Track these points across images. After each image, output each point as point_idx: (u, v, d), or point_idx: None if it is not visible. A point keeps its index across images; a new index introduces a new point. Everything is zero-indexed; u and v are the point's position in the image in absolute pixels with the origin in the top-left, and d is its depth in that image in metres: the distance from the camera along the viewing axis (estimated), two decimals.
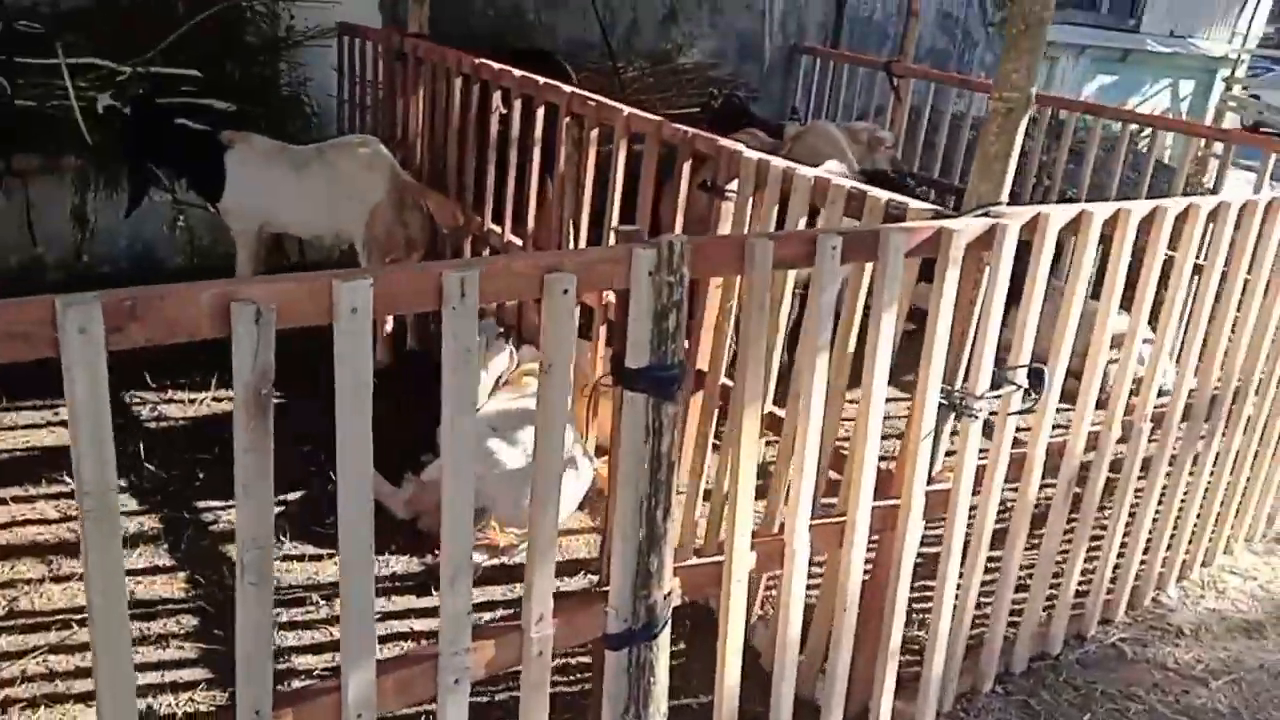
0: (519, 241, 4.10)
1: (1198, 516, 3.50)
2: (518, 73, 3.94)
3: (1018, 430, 2.57)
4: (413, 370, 4.32)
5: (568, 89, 3.67)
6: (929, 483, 2.47)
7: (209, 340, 1.39)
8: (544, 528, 1.70)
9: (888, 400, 2.17)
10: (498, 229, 4.24)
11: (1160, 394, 3.04)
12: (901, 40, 7.33)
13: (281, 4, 5.13)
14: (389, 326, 4.46)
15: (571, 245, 3.68)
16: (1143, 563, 3.36)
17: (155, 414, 4.01)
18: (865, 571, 2.36)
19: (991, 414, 2.44)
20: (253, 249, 4.54)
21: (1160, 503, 3.27)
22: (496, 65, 4.08)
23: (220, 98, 4.87)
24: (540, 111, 3.86)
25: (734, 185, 2.91)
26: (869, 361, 2.12)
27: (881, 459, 2.24)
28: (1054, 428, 2.68)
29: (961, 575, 2.61)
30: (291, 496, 3.52)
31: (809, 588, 2.94)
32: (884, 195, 2.44)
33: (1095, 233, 2.45)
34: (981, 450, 2.46)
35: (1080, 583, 3.17)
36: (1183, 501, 3.36)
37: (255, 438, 1.32)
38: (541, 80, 3.81)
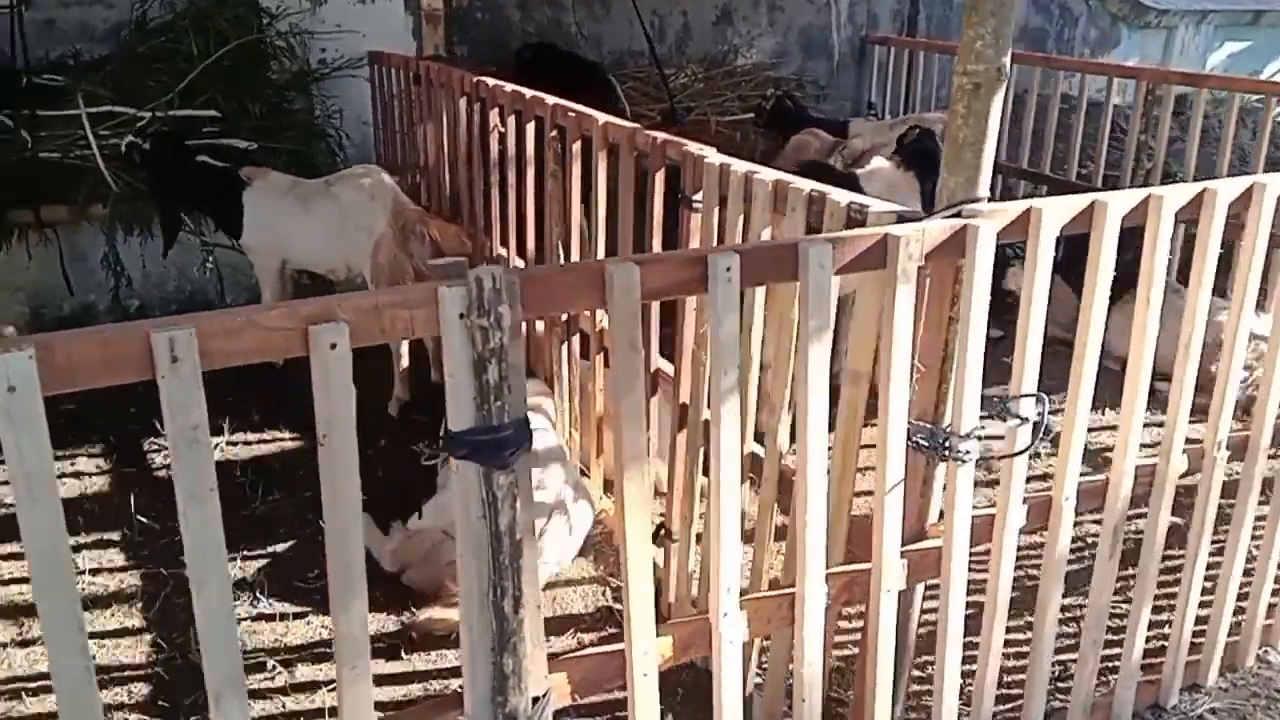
0: (522, 264, 3.84)
1: None
2: (509, 88, 3.68)
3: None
4: (429, 408, 4.12)
5: (551, 100, 3.38)
6: (922, 539, 2.06)
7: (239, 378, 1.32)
8: (349, 630, 1.40)
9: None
10: (504, 252, 3.99)
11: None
12: None
13: (298, 37, 5.04)
14: (405, 361, 4.27)
15: None
16: (1240, 612, 2.80)
17: (168, 462, 3.92)
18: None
19: (991, 457, 2.00)
20: (275, 286, 4.46)
21: (1258, 538, 2.72)
22: (493, 82, 3.83)
23: (245, 135, 4.83)
24: (530, 126, 3.59)
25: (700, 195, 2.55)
26: (801, 405, 1.73)
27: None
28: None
29: (979, 646, 2.17)
30: (280, 548, 3.34)
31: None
32: (845, 198, 2.05)
33: (1113, 227, 1.98)
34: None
35: (1157, 641, 2.66)
36: None
37: None
38: (529, 94, 3.53)
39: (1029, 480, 3.14)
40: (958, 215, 1.85)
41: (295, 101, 5.19)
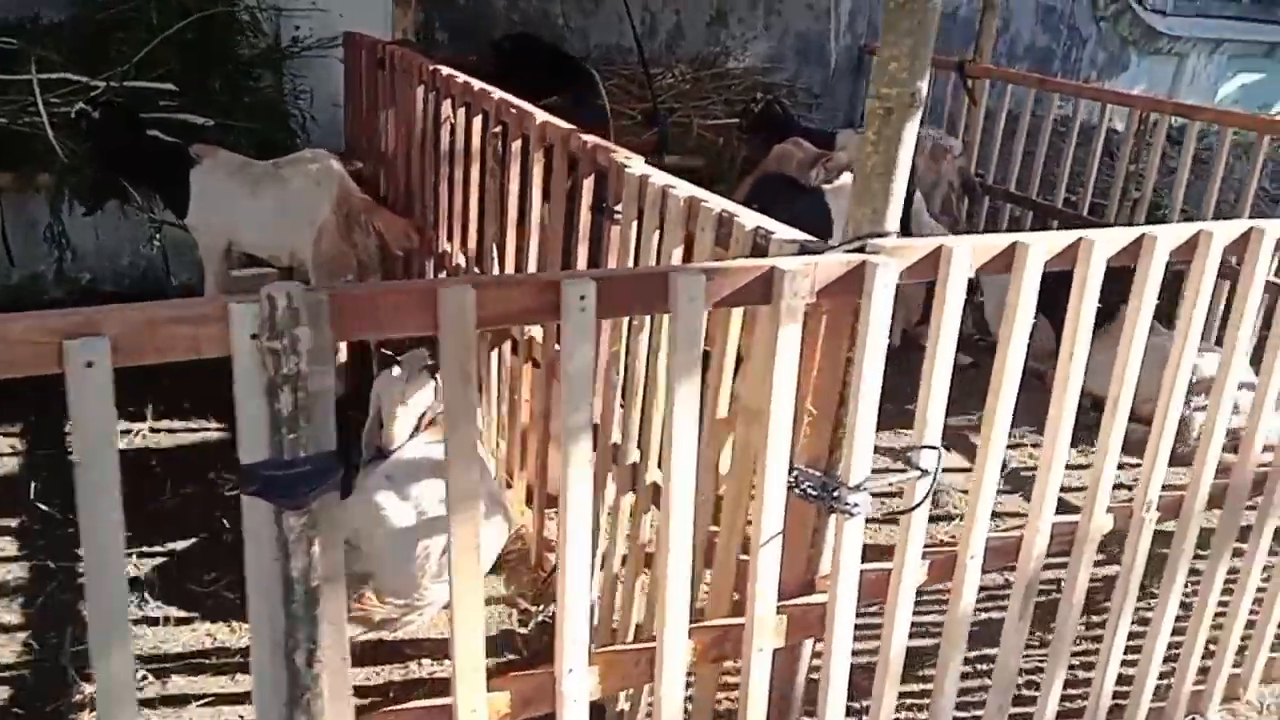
0: (463, 261, 3.69)
1: (1254, 616, 2.76)
2: (461, 78, 3.53)
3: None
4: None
5: (498, 94, 3.24)
6: (810, 592, 1.92)
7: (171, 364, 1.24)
8: (109, 684, 1.26)
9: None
10: (449, 248, 3.84)
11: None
12: (977, 36, 6.57)
13: (264, 13, 4.89)
14: (343, 354, 4.13)
15: (497, 272, 3.23)
16: (1165, 677, 2.65)
17: None
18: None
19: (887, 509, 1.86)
20: (219, 270, 4.32)
21: (1189, 603, 2.58)
22: (446, 71, 3.69)
23: (204, 111, 4.69)
24: (478, 120, 3.44)
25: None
26: (668, 446, 1.59)
27: None
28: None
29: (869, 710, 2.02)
30: (181, 545, 3.20)
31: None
32: (752, 222, 1.90)
33: (1034, 271, 1.83)
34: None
35: (1078, 701, 2.52)
36: (1225, 599, 2.64)
37: None
38: (477, 86, 3.39)
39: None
40: (861, 250, 1.71)
41: (262, 79, 5.04)
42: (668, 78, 6.26)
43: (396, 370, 3.30)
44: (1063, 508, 2.22)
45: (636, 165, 2.35)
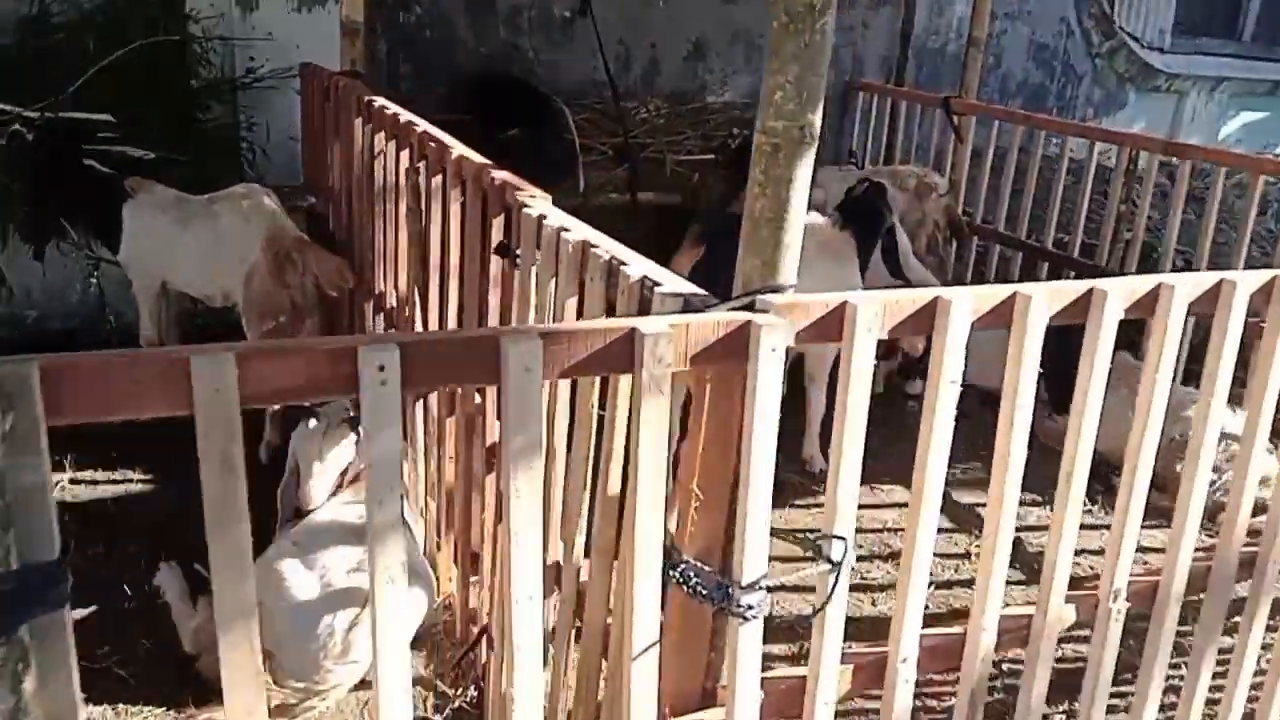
0: (394, 303, 3.46)
1: (1252, 705, 2.46)
2: (391, 109, 3.32)
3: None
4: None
5: (421, 127, 3.02)
6: (711, 705, 1.65)
7: None
8: None
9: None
10: (384, 289, 3.61)
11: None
12: (963, 72, 6.36)
13: (210, 44, 4.71)
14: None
15: (420, 324, 2.99)
16: None
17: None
18: None
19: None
20: (153, 309, 4.11)
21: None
22: (379, 102, 3.48)
23: (150, 144, 4.50)
24: (405, 154, 3.22)
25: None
26: (505, 559, 1.33)
27: None
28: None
29: None
30: (78, 614, 2.94)
31: None
32: (640, 271, 1.66)
33: (960, 330, 1.57)
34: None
35: None
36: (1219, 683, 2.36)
37: None
38: (405, 118, 3.17)
39: (952, 586, 2.75)
40: (750, 307, 1.46)
41: (210, 110, 4.85)
42: (642, 112, 6.06)
43: (314, 423, 3.06)
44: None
45: (537, 205, 2.11)
